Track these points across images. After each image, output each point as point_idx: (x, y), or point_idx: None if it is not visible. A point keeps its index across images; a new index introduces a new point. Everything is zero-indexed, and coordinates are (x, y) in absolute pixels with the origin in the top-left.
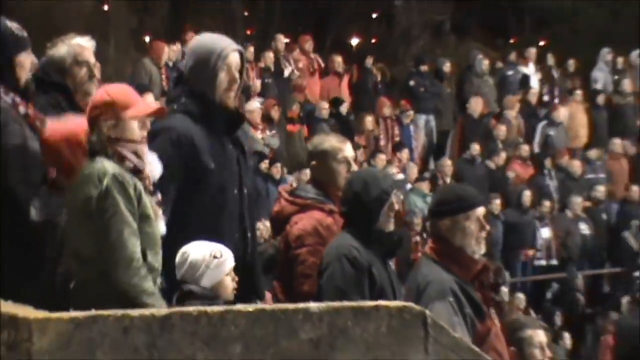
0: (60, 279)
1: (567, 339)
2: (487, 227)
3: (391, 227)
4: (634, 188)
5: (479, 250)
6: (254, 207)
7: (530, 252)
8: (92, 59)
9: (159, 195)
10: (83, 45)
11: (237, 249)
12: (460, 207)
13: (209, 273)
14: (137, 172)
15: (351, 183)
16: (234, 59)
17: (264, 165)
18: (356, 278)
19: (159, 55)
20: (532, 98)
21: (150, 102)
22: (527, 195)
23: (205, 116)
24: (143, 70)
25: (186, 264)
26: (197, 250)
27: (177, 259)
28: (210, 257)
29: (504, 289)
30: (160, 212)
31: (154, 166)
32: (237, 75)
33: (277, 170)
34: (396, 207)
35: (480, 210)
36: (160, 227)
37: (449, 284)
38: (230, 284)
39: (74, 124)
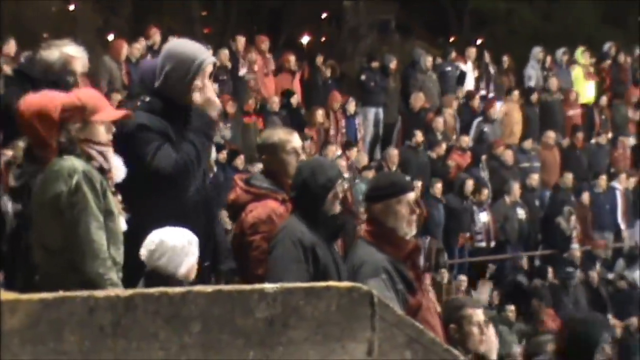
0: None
1: (511, 312)
2: (417, 211)
3: (336, 211)
4: (567, 176)
5: (410, 231)
6: (217, 195)
7: (467, 237)
8: (79, 69)
9: (119, 196)
10: (74, 55)
11: (204, 235)
12: (392, 192)
13: (187, 260)
14: (103, 171)
15: (300, 171)
16: (210, 69)
17: (222, 156)
18: (299, 258)
19: (119, 53)
20: (469, 94)
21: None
22: (468, 184)
23: (168, 112)
24: (103, 67)
25: (166, 252)
26: (175, 238)
27: (152, 245)
28: (187, 244)
29: (444, 271)
30: (121, 209)
31: (118, 169)
32: (208, 83)
33: (240, 161)
34: (340, 194)
35: (411, 195)
36: (121, 224)
37: (382, 262)
38: (195, 267)
39: (46, 98)
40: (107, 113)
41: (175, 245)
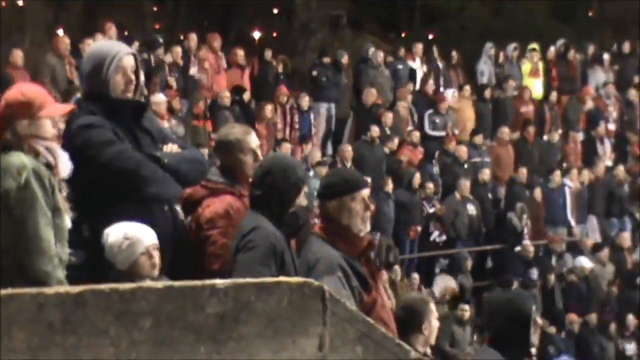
0: None
1: (466, 310)
2: (372, 208)
3: (299, 209)
4: (522, 171)
5: (364, 228)
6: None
7: (417, 230)
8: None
9: (64, 193)
10: None
11: (164, 228)
12: (346, 189)
13: (122, 255)
14: (50, 167)
15: (270, 169)
16: (128, 62)
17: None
18: (270, 264)
19: (62, 49)
20: (420, 89)
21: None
22: (417, 178)
23: (109, 112)
24: (45, 64)
25: (106, 247)
26: (113, 233)
27: (102, 239)
28: (122, 239)
29: (397, 268)
30: (67, 206)
31: (64, 165)
32: (132, 76)
33: None
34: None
35: (365, 192)
36: (67, 221)
37: (337, 260)
38: (147, 262)
39: None
40: (53, 108)
41: (112, 242)
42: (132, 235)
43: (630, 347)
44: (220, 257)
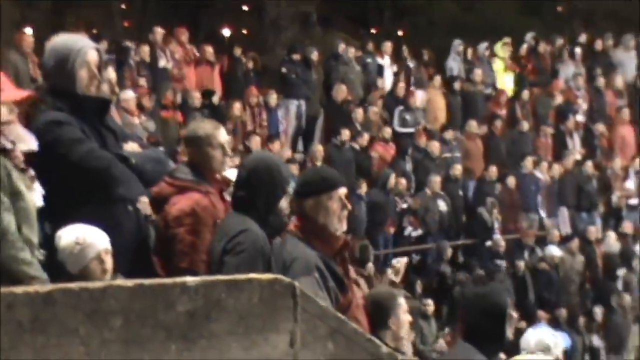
0: None
1: (430, 305)
2: (349, 207)
3: (283, 211)
4: (492, 168)
5: (340, 227)
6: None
7: (392, 228)
8: None
9: (31, 171)
10: None
11: (128, 228)
12: (323, 187)
13: (73, 259)
14: (5, 152)
15: (255, 169)
16: (92, 56)
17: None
18: (259, 268)
19: (24, 46)
20: (389, 86)
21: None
22: (392, 178)
23: (74, 108)
24: (7, 62)
25: (58, 250)
26: (65, 236)
27: (55, 242)
28: (74, 244)
29: (370, 265)
30: (35, 185)
31: (29, 141)
32: (96, 71)
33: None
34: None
35: (342, 191)
36: (36, 199)
37: (314, 259)
38: (97, 267)
39: None
40: (9, 93)
41: (64, 245)
42: (84, 240)
43: (597, 340)
44: (187, 255)
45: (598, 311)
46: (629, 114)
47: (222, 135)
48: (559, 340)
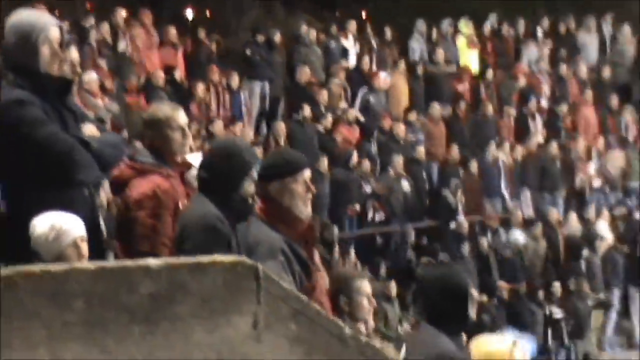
0: None
1: (393, 287)
2: (313, 190)
3: (249, 195)
4: (454, 149)
5: (305, 210)
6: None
7: (356, 208)
8: None
9: None
10: None
11: (84, 212)
12: (287, 170)
13: (47, 247)
14: None
15: (216, 153)
16: (55, 34)
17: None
18: (217, 248)
19: None
20: (353, 67)
21: None
22: (354, 157)
23: (36, 87)
24: None
25: (32, 238)
26: (40, 224)
27: (29, 230)
28: (49, 230)
29: (335, 246)
30: None
31: None
32: (58, 49)
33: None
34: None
35: (307, 173)
36: None
37: (278, 243)
38: (73, 254)
39: None
40: None
41: (40, 233)
42: (60, 227)
43: (557, 311)
44: (148, 239)
45: (557, 285)
46: (591, 95)
47: (182, 118)
48: (526, 345)
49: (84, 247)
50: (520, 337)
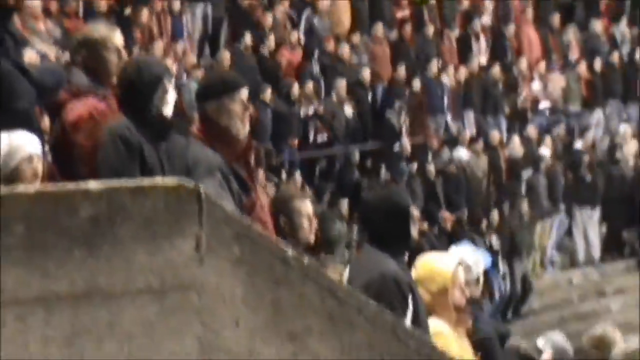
0: None
1: (344, 205)
2: (251, 108)
3: (166, 110)
4: (400, 72)
5: (243, 130)
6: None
7: (296, 141)
8: None
9: None
10: None
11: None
12: (225, 89)
13: (2, 161)
14: None
15: (125, 68)
16: None
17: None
18: (128, 156)
19: None
20: None
21: None
22: (295, 87)
23: None
24: None
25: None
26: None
27: None
28: (4, 146)
29: (282, 171)
30: None
31: None
32: None
33: None
34: (169, 91)
35: (244, 93)
36: None
37: (217, 162)
38: (28, 169)
39: None
40: None
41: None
42: (14, 142)
43: (495, 241)
44: (87, 161)
45: (495, 213)
46: (532, 14)
47: (118, 39)
48: (480, 259)
49: (39, 167)
50: (475, 250)
